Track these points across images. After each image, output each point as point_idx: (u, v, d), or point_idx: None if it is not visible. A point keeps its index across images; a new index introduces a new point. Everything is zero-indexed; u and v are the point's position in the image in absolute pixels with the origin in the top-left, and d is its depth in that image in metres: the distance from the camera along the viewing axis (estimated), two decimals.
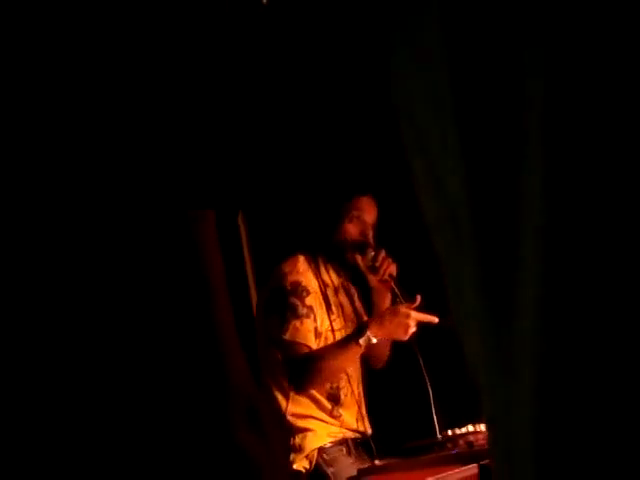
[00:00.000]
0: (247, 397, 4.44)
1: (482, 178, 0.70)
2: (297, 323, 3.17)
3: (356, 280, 3.54)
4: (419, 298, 3.15)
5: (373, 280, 3.37)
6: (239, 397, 4.44)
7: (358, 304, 3.54)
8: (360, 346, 3.10)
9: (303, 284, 3.24)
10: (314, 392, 3.23)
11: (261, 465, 4.14)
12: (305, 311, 3.19)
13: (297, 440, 3.17)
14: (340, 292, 3.42)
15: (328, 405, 3.26)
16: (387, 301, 3.41)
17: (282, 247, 5.68)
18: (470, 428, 3.09)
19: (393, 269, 3.31)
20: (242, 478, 4.40)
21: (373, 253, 3.32)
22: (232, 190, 5.88)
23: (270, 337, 3.24)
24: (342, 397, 3.31)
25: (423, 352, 3.23)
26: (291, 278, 3.25)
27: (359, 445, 3.24)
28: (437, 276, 0.83)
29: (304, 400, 3.23)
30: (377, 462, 2.82)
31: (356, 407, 3.37)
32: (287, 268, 3.31)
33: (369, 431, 3.37)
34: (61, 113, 4.59)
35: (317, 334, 3.25)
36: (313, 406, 3.24)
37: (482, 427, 3.11)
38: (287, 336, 3.16)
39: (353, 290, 3.53)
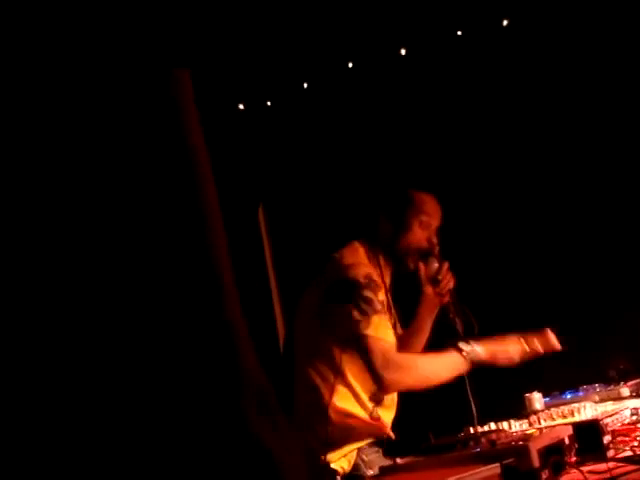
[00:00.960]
0: (258, 387, 4.38)
1: None
2: (377, 318, 2.98)
3: (400, 282, 3.38)
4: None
5: (429, 291, 3.24)
6: (249, 387, 4.38)
7: (394, 308, 3.41)
8: (468, 365, 3.02)
9: (374, 277, 3.06)
10: (358, 389, 3.10)
11: (280, 458, 4.10)
12: (380, 307, 3.02)
13: (337, 436, 3.03)
14: (389, 291, 3.26)
15: (369, 405, 3.15)
16: (433, 317, 3.31)
17: (302, 240, 5.73)
18: (492, 426, 3.09)
19: (453, 284, 3.20)
20: (259, 470, 4.35)
21: (437, 265, 3.20)
22: (253, 181, 5.88)
23: (343, 331, 3.01)
24: (384, 398, 3.20)
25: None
26: (362, 270, 3.05)
27: (389, 446, 3.15)
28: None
29: (349, 396, 3.09)
30: (399, 460, 2.79)
31: (394, 410, 3.30)
32: (352, 259, 3.11)
33: (393, 437, 3.31)
34: None
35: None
36: (356, 404, 3.11)
37: (505, 425, 3.11)
38: (371, 331, 2.95)
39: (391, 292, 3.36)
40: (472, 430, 3.06)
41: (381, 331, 2.97)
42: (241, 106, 5.69)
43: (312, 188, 5.76)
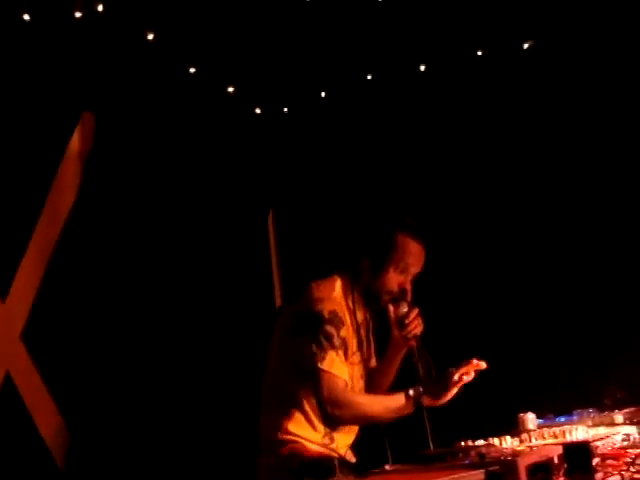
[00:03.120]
0: None
1: None
2: (333, 354, 3.07)
3: (376, 319, 3.42)
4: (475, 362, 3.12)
5: (397, 333, 3.28)
6: None
7: (372, 342, 3.45)
8: (411, 409, 3.09)
9: (339, 315, 3.14)
10: (312, 415, 3.16)
11: None
12: (339, 343, 3.09)
13: (288, 460, 3.09)
14: (362, 327, 3.30)
15: (322, 429, 3.19)
16: (400, 357, 3.36)
17: (311, 251, 5.74)
18: (482, 442, 3.10)
19: (420, 330, 3.22)
20: None
21: (406, 310, 3.22)
22: (264, 186, 5.90)
23: (299, 360, 3.11)
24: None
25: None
26: (329, 306, 3.13)
27: (344, 466, 3.13)
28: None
29: (301, 420, 3.16)
30: (387, 467, 2.81)
31: (352, 433, 3.33)
32: (324, 293, 3.17)
33: (354, 460, 3.33)
34: None
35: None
36: (309, 428, 3.17)
37: (495, 441, 3.12)
38: (324, 366, 3.05)
39: (370, 327, 3.41)
40: (463, 444, 3.07)
41: (335, 367, 3.07)
42: (258, 110, 5.71)
43: (323, 197, 5.78)
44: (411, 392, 3.08)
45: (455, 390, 3.11)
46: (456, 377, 3.08)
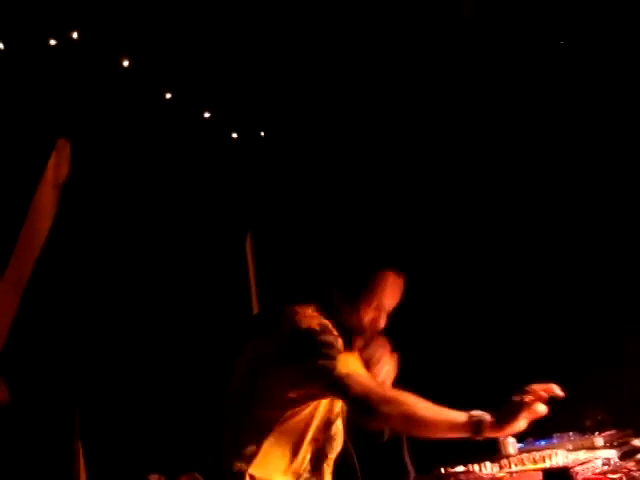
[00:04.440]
0: None
1: None
2: (343, 357, 2.67)
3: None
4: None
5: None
6: None
7: None
8: (468, 432, 2.55)
9: (329, 326, 2.76)
10: (287, 452, 2.77)
11: None
12: (342, 348, 2.71)
13: None
14: None
15: (303, 472, 2.81)
16: None
17: (289, 274, 5.75)
18: (461, 468, 3.09)
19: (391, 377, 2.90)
20: None
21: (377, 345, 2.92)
22: (242, 209, 5.90)
23: (303, 385, 2.71)
24: (324, 465, 2.86)
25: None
26: (317, 320, 2.75)
27: None
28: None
29: (272, 461, 2.75)
30: None
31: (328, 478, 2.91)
32: (306, 312, 2.80)
33: None
34: None
35: None
36: (282, 467, 2.77)
37: (475, 467, 3.11)
38: (342, 370, 2.63)
39: None
40: (443, 470, 3.06)
41: (353, 366, 2.69)
42: (234, 135, 5.71)
43: (301, 220, 5.79)
44: (475, 412, 2.57)
45: (524, 420, 2.53)
46: (526, 400, 2.50)
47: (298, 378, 2.69)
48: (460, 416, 2.56)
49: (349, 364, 2.65)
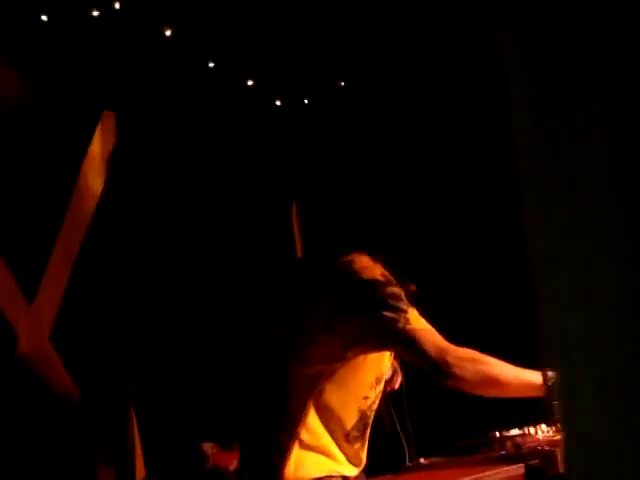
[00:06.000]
0: None
1: None
2: (413, 310, 2.43)
3: None
4: None
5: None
6: None
7: None
8: (542, 392, 2.40)
9: (392, 279, 2.50)
10: (333, 425, 2.52)
11: None
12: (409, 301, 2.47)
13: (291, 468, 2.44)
14: None
15: (352, 430, 2.57)
16: None
17: (335, 240, 5.71)
18: (517, 431, 3.04)
19: (396, 385, 2.75)
20: None
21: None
22: (286, 179, 5.87)
23: (369, 341, 2.46)
24: (368, 427, 2.61)
25: None
26: (380, 270, 2.50)
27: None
28: None
29: (320, 431, 2.51)
30: (422, 460, 2.76)
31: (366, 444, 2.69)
32: (363, 262, 2.54)
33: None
34: None
35: None
36: (329, 440, 2.52)
37: (530, 430, 3.06)
38: (413, 324, 2.38)
39: None
40: (498, 434, 3.02)
41: (423, 323, 2.43)
42: (278, 102, 5.68)
43: (347, 188, 5.75)
44: (551, 373, 2.36)
45: None
46: None
47: (360, 332, 2.45)
48: (536, 377, 2.41)
49: (419, 320, 2.43)
